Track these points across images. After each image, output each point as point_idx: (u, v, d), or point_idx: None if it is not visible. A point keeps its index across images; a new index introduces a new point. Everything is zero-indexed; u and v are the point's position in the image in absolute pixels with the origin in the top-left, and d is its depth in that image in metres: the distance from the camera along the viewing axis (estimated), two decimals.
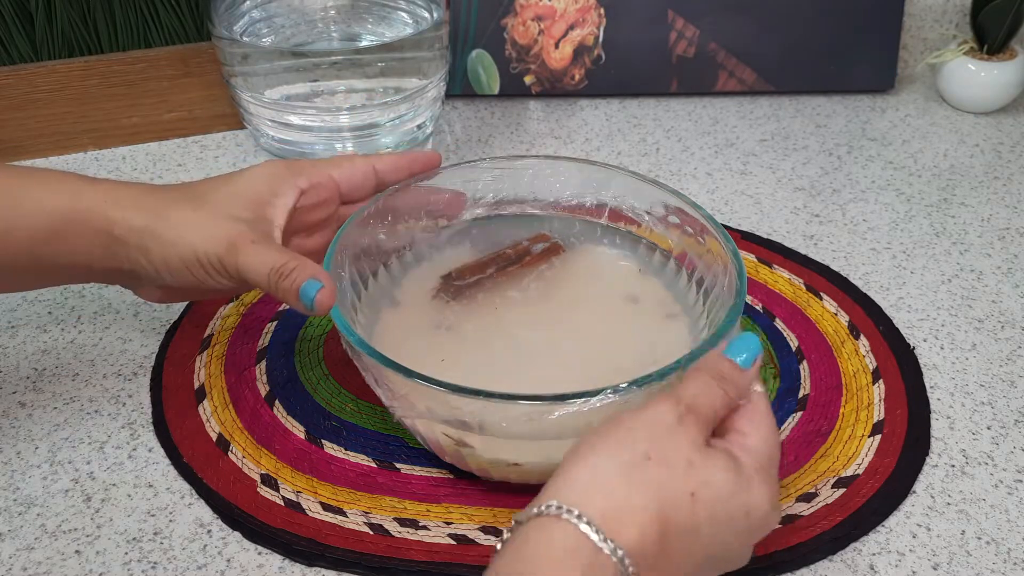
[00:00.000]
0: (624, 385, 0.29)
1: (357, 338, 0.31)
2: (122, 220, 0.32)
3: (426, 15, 0.52)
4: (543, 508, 0.24)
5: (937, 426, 0.38)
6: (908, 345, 0.42)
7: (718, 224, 0.36)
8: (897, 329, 0.43)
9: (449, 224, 0.40)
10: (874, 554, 0.33)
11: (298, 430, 0.37)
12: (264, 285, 0.32)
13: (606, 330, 0.37)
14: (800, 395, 0.39)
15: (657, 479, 0.25)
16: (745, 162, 0.55)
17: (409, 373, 0.29)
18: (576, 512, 0.24)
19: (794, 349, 0.42)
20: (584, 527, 0.23)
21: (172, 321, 0.43)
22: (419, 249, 0.40)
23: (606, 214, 0.41)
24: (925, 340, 0.43)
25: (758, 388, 0.28)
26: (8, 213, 0.32)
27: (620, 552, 0.23)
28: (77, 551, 0.33)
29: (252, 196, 0.33)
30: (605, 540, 0.23)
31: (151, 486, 0.35)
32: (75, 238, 0.32)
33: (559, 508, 0.24)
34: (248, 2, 0.52)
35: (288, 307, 0.44)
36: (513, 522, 0.25)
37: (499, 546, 0.24)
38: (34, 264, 0.33)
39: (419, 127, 0.54)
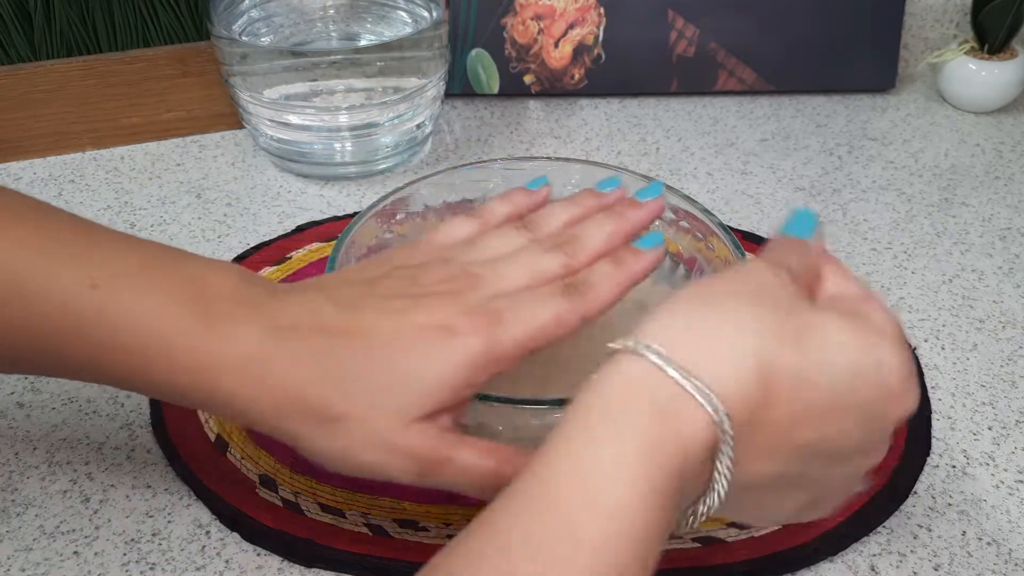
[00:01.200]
0: None
1: None
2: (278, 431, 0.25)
3: (425, 14, 0.52)
4: (620, 344, 0.20)
5: (938, 426, 0.38)
6: (909, 345, 0.42)
7: (727, 229, 0.36)
8: None
9: None
10: (875, 555, 0.33)
11: None
12: (477, 496, 0.25)
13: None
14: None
15: (755, 316, 0.20)
16: (745, 162, 0.55)
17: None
18: (654, 348, 0.19)
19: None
20: (662, 363, 0.19)
21: None
22: None
23: None
24: (926, 340, 0.42)
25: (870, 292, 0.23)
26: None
27: (715, 399, 0.19)
28: (75, 552, 0.33)
29: (435, 403, 0.24)
30: (688, 378, 0.19)
31: (149, 487, 0.35)
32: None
33: (637, 343, 0.20)
34: (247, 1, 0.52)
35: None
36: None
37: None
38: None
39: (418, 127, 0.54)
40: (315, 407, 0.24)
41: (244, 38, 0.51)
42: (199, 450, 0.36)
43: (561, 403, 0.28)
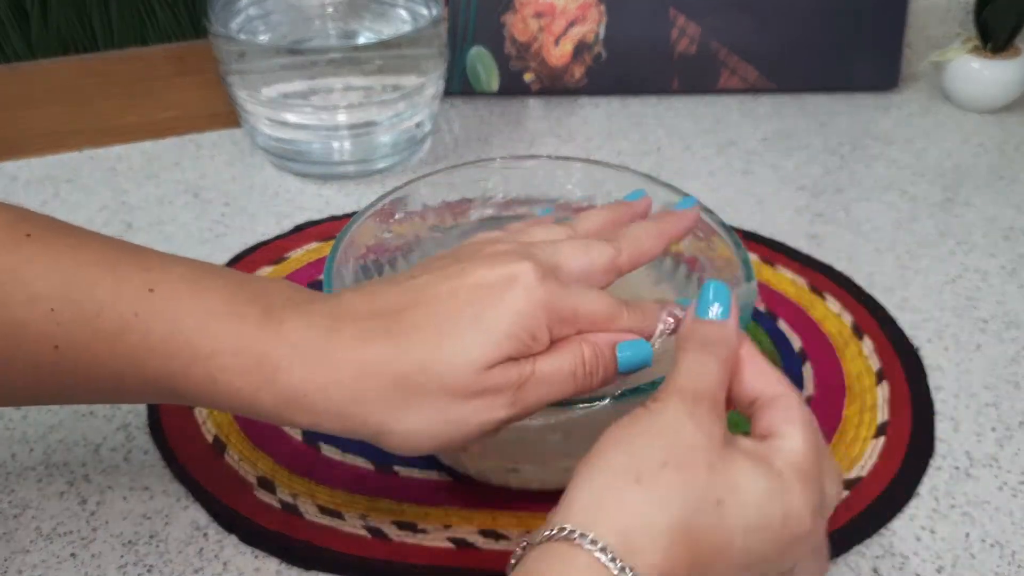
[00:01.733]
0: (623, 392, 0.28)
1: None
2: (336, 411, 0.24)
3: (424, 12, 0.52)
4: (553, 531, 0.21)
5: (941, 428, 0.38)
6: (912, 346, 0.42)
7: (729, 229, 0.36)
8: (901, 330, 0.42)
9: (457, 224, 0.40)
10: (877, 557, 0.32)
11: (295, 432, 0.37)
12: (572, 393, 0.26)
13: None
14: (803, 396, 0.39)
15: (678, 489, 0.21)
16: (747, 161, 0.55)
17: None
18: (590, 536, 0.20)
19: (797, 350, 0.41)
20: (598, 554, 0.20)
21: None
22: (427, 248, 0.40)
23: None
24: (929, 341, 0.42)
25: (784, 389, 0.24)
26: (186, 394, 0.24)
27: None
28: (72, 554, 0.32)
29: (509, 349, 0.24)
30: (623, 569, 0.20)
31: (147, 489, 0.35)
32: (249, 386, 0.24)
33: (571, 532, 0.20)
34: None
35: None
36: (519, 548, 0.22)
37: (508, 572, 0.22)
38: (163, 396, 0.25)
39: (418, 125, 0.53)
40: (391, 380, 0.23)
41: (242, 36, 0.51)
42: (197, 452, 0.36)
43: (561, 404, 0.28)
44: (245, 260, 0.46)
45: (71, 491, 0.35)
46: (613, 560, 0.20)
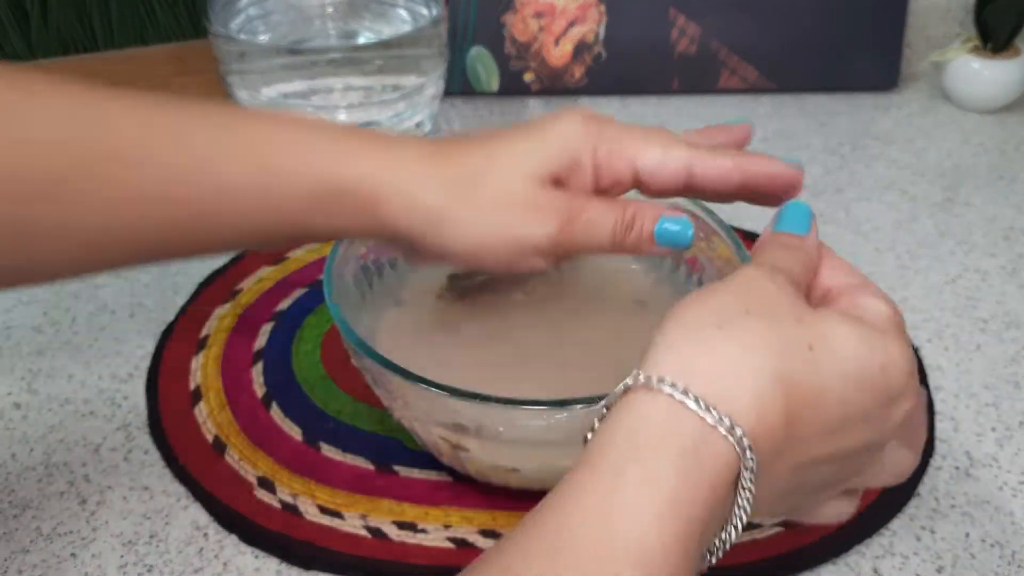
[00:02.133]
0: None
1: (356, 337, 0.31)
2: (404, 202, 0.26)
3: (424, 12, 0.52)
4: (633, 380, 0.19)
5: (941, 428, 0.38)
6: (912, 346, 0.41)
7: (729, 229, 0.36)
8: None
9: None
10: (877, 557, 0.32)
11: (295, 432, 0.37)
12: (608, 247, 0.27)
13: (611, 335, 0.37)
14: None
15: (763, 334, 0.19)
16: None
17: (406, 375, 0.29)
18: (670, 381, 0.19)
19: None
20: (682, 397, 0.19)
21: (168, 322, 0.42)
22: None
23: None
24: (929, 341, 0.42)
25: (862, 278, 0.24)
26: (265, 179, 0.26)
27: (738, 431, 0.18)
28: (72, 554, 0.32)
29: (563, 163, 0.27)
30: (717, 416, 0.18)
31: (147, 489, 0.35)
32: (341, 212, 0.26)
33: (651, 379, 0.19)
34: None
35: (285, 308, 0.43)
36: (603, 408, 0.20)
37: (588, 435, 0.20)
38: (287, 234, 0.27)
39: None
40: (455, 173, 0.26)
41: (242, 36, 0.51)
42: (197, 451, 0.36)
43: (562, 404, 0.28)
44: (245, 260, 0.46)
45: (71, 491, 0.35)
46: (703, 407, 0.19)
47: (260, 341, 0.41)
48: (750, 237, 0.48)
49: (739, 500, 0.19)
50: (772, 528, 0.33)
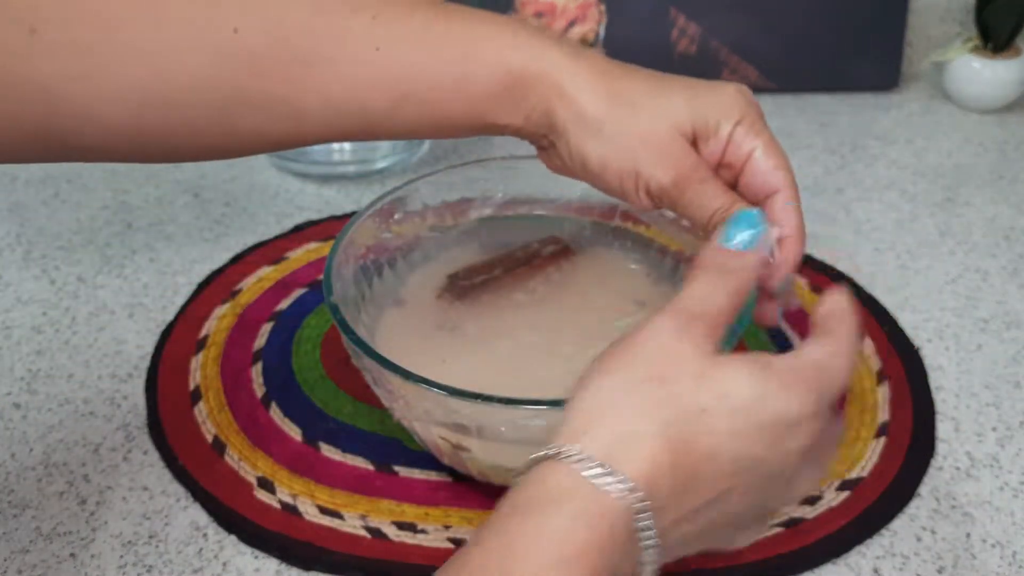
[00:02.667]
0: None
1: (355, 337, 0.30)
2: (572, 100, 0.28)
3: None
4: (542, 453, 0.22)
5: (942, 428, 0.38)
6: (913, 346, 0.41)
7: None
8: (902, 330, 0.42)
9: (456, 224, 0.40)
10: (878, 557, 0.32)
11: (295, 432, 0.37)
12: (700, 226, 0.29)
13: (611, 334, 0.37)
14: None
15: (661, 399, 0.22)
16: None
17: (407, 375, 0.29)
18: (574, 451, 0.21)
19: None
20: (577, 465, 0.21)
21: (167, 322, 0.42)
22: (426, 248, 0.40)
23: (617, 215, 0.40)
24: (930, 341, 0.42)
25: (841, 303, 0.26)
26: (462, 67, 0.28)
27: (626, 487, 0.21)
28: (72, 554, 0.32)
29: (707, 123, 0.29)
30: (610, 473, 0.21)
31: (146, 489, 0.35)
32: (520, 100, 0.29)
33: (559, 451, 0.21)
34: None
35: (285, 307, 0.43)
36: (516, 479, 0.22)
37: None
38: (472, 122, 0.30)
39: None
40: (620, 90, 0.29)
41: None
42: (196, 452, 0.36)
43: (562, 403, 0.28)
44: (245, 259, 0.46)
45: (71, 491, 0.35)
46: (600, 466, 0.21)
47: (260, 341, 0.41)
48: None
49: (644, 550, 0.22)
50: (773, 528, 0.33)
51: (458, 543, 0.33)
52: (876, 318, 0.43)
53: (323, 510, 0.34)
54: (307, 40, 0.27)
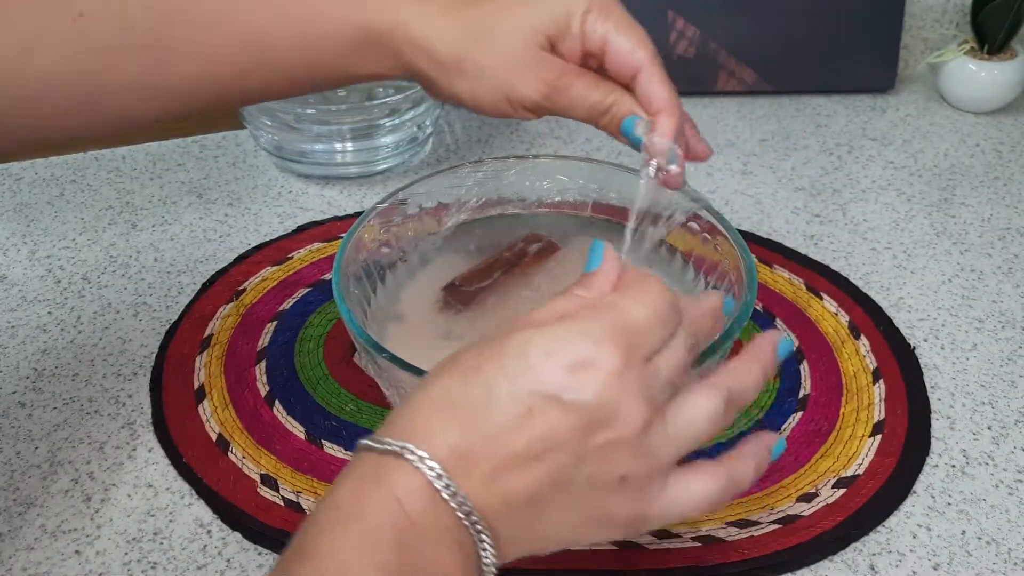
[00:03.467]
0: None
1: (369, 339, 0.31)
2: (426, 49, 0.30)
3: None
4: (368, 442, 0.22)
5: (937, 426, 0.38)
6: (908, 345, 0.42)
7: (735, 231, 0.36)
8: (897, 329, 0.43)
9: (436, 232, 0.40)
10: (874, 554, 0.33)
11: (298, 430, 0.37)
12: (583, 120, 0.30)
13: None
14: (800, 395, 0.39)
15: (450, 385, 0.22)
16: (745, 162, 0.55)
17: (420, 373, 0.29)
18: (387, 442, 0.21)
19: (794, 349, 0.42)
20: (380, 444, 0.22)
21: (172, 321, 0.43)
22: (411, 262, 0.40)
23: (589, 208, 0.40)
24: (925, 340, 0.42)
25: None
26: (310, 27, 0.30)
27: (421, 455, 0.21)
28: (77, 551, 0.33)
29: (557, 24, 0.30)
30: (404, 450, 0.21)
31: (151, 486, 0.35)
32: (373, 56, 0.30)
33: (378, 441, 0.22)
34: None
35: (288, 307, 0.44)
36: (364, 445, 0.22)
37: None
38: (327, 75, 0.31)
39: (419, 127, 0.54)
40: (469, 24, 0.30)
41: None
42: (200, 449, 0.36)
43: None
44: (249, 260, 0.47)
45: (75, 489, 0.35)
46: (437, 474, 0.21)
47: (263, 340, 0.42)
48: (748, 237, 0.49)
49: (463, 518, 0.21)
50: (769, 525, 0.34)
51: None
52: (872, 318, 0.43)
53: None
54: (153, 16, 0.28)
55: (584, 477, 0.22)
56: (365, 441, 0.22)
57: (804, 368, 0.40)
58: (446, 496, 0.21)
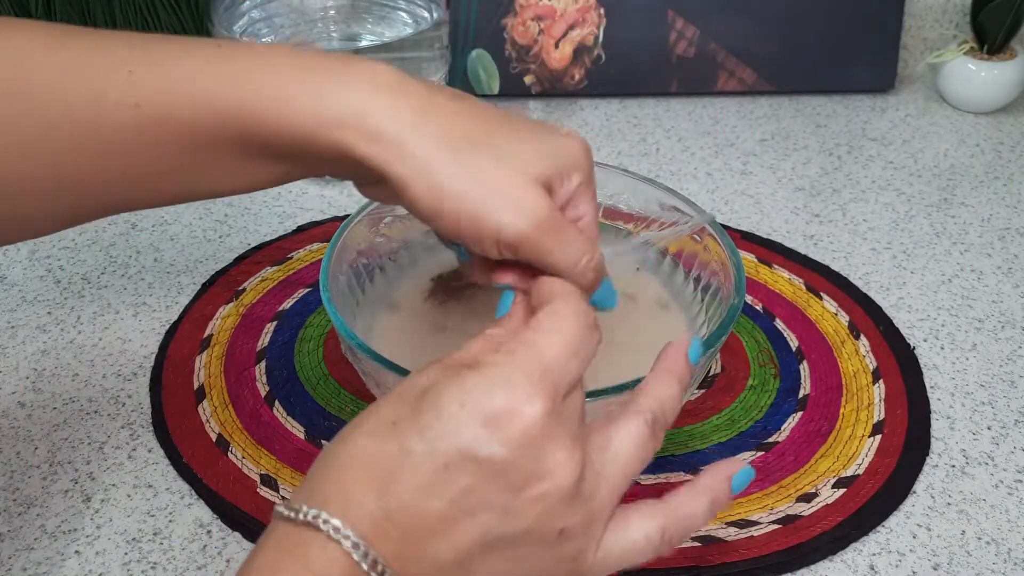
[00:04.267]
0: (605, 389, 0.28)
1: (358, 341, 0.31)
2: (395, 145, 0.25)
3: (426, 15, 0.52)
4: (282, 511, 0.21)
5: (937, 426, 0.38)
6: (908, 345, 0.42)
7: (721, 228, 0.36)
8: (897, 329, 0.43)
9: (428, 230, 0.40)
10: (874, 554, 0.33)
11: (298, 430, 0.37)
12: (559, 273, 0.26)
13: (607, 326, 0.37)
14: (800, 395, 0.39)
15: (369, 445, 0.21)
16: (745, 162, 0.55)
17: (403, 372, 0.29)
18: (305, 510, 0.21)
19: (794, 349, 0.42)
20: (302, 516, 0.21)
21: (172, 321, 0.43)
22: (413, 251, 0.40)
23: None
24: (925, 340, 0.42)
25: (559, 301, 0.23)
26: (251, 126, 0.25)
27: (341, 529, 0.20)
28: (77, 551, 0.33)
29: (560, 173, 0.26)
30: (319, 520, 0.20)
31: (151, 486, 0.35)
32: (321, 163, 0.26)
33: (294, 510, 0.21)
34: (248, 2, 0.52)
35: (288, 307, 0.44)
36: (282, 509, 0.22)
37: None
38: (266, 177, 0.26)
39: None
40: (470, 138, 0.25)
41: (245, 38, 0.51)
42: (200, 449, 0.36)
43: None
44: (248, 260, 0.47)
45: (75, 489, 0.35)
46: (310, 517, 0.21)
47: (263, 340, 0.42)
48: (748, 238, 0.49)
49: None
50: (769, 525, 0.34)
51: None
52: (872, 318, 0.43)
53: None
54: (61, 107, 0.24)
55: (520, 533, 0.21)
56: (280, 508, 0.21)
57: (804, 368, 0.40)
58: (365, 567, 0.20)
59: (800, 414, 0.38)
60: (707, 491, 0.24)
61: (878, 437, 0.37)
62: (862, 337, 0.42)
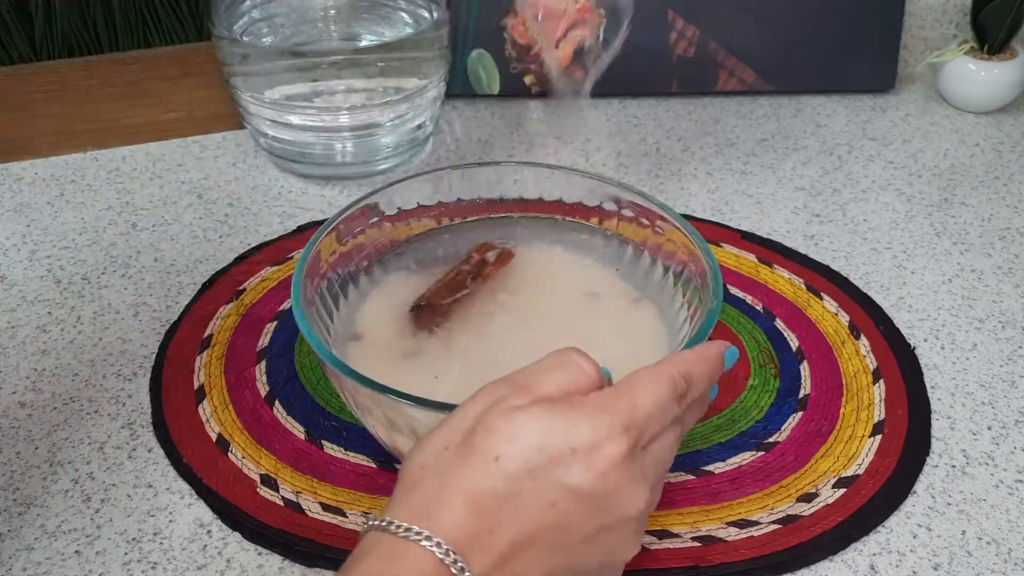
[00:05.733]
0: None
1: (331, 357, 0.30)
2: None
3: (426, 15, 0.52)
4: (371, 522, 0.23)
5: (938, 426, 0.38)
6: (909, 345, 0.42)
7: (679, 215, 0.36)
8: (897, 329, 0.43)
9: (386, 251, 0.39)
10: (875, 554, 0.33)
11: (298, 430, 0.37)
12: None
13: (582, 328, 0.37)
14: (800, 395, 0.39)
15: (456, 461, 0.24)
16: (745, 162, 0.55)
17: (376, 386, 0.29)
18: (394, 523, 0.23)
19: (794, 349, 0.42)
20: (398, 529, 0.23)
21: (172, 321, 0.43)
22: (361, 284, 0.38)
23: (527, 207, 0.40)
24: (926, 340, 0.42)
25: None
26: None
27: (432, 537, 0.22)
28: (77, 551, 0.33)
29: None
30: (411, 532, 0.22)
31: (151, 486, 0.35)
32: None
33: (384, 522, 0.23)
34: (248, 2, 0.52)
35: (288, 307, 0.44)
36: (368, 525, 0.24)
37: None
38: None
39: (419, 127, 0.54)
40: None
41: (245, 38, 0.51)
42: (200, 449, 0.36)
43: None
44: (249, 260, 0.47)
45: (76, 489, 0.35)
46: (404, 531, 0.23)
47: (263, 340, 0.42)
48: (748, 237, 0.49)
49: None
50: (769, 525, 0.34)
51: None
52: (872, 318, 0.43)
53: (326, 507, 0.34)
54: None
55: (582, 551, 0.24)
56: (376, 522, 0.23)
57: (804, 368, 0.40)
58: (455, 572, 0.22)
59: (800, 414, 0.38)
60: (703, 360, 0.27)
61: (878, 437, 0.37)
62: (862, 337, 0.42)
